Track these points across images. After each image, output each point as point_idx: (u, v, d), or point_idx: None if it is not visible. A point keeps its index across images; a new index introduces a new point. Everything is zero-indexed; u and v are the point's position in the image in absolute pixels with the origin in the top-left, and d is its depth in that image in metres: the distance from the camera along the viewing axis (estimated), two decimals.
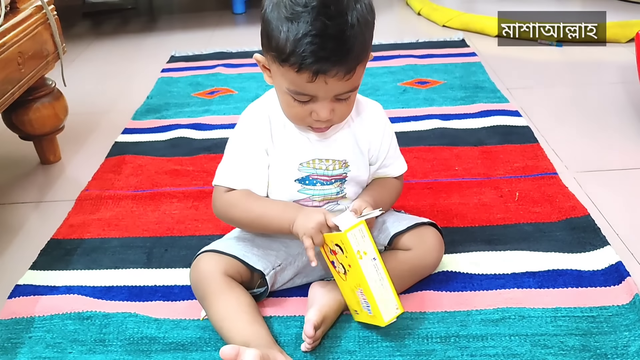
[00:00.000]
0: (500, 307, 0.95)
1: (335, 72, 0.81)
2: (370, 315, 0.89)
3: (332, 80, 0.82)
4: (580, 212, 1.17)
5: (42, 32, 1.37)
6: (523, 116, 1.61)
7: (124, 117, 1.77)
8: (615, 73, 1.87)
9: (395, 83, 1.86)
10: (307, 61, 0.80)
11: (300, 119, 0.90)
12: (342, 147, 0.97)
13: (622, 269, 1.01)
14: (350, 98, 0.89)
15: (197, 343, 0.92)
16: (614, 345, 0.87)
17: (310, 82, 0.82)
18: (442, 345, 0.89)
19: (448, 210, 1.21)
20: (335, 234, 0.86)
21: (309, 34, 0.79)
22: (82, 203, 1.32)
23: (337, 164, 0.97)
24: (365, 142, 0.99)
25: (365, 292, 0.86)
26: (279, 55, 0.83)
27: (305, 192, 0.97)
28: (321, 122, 0.89)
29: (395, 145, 1.04)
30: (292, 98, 0.87)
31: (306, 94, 0.85)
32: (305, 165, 0.96)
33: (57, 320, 0.98)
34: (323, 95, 0.85)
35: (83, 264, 1.13)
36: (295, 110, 0.89)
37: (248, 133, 0.95)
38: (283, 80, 0.86)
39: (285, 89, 0.86)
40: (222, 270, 0.94)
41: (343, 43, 0.80)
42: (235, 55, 2.22)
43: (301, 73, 0.82)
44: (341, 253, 0.86)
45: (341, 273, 0.89)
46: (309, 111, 0.87)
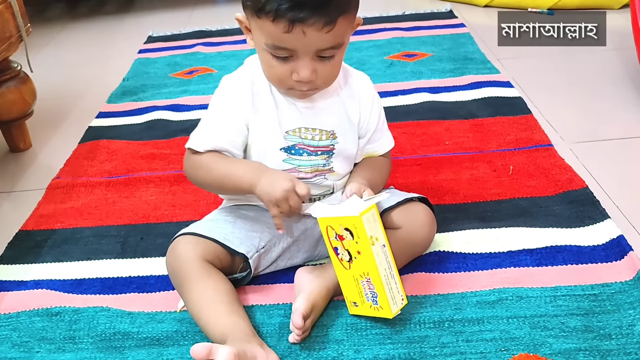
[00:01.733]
0: (497, 288, 0.89)
1: (314, 21, 0.76)
2: (375, 307, 0.83)
3: (310, 30, 0.76)
4: (578, 184, 1.11)
5: (3, 11, 1.29)
6: (515, 87, 1.54)
7: (98, 100, 1.69)
8: (609, 40, 1.80)
9: (381, 57, 1.79)
10: (282, 7, 0.75)
11: (281, 81, 0.84)
12: (330, 116, 0.91)
13: (624, 243, 0.95)
14: (334, 58, 0.82)
15: (173, 337, 0.86)
16: (618, 324, 0.81)
17: (287, 32, 0.76)
18: (436, 330, 0.83)
19: (439, 187, 1.15)
20: (346, 216, 0.79)
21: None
22: (53, 192, 1.25)
23: (325, 134, 0.91)
24: (355, 112, 0.93)
25: (374, 280, 0.80)
26: (254, 6, 0.78)
27: (291, 161, 0.91)
28: (303, 84, 0.82)
29: (384, 118, 0.98)
30: (272, 55, 0.81)
31: (284, 47, 0.79)
32: (291, 134, 0.90)
33: (24, 318, 0.91)
34: (302, 49, 0.79)
35: (53, 256, 1.06)
36: (275, 70, 0.83)
37: (226, 98, 0.90)
38: (261, 35, 0.80)
39: (264, 44, 0.80)
40: (200, 255, 0.87)
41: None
42: (214, 33, 2.14)
43: (277, 22, 0.76)
44: (350, 238, 0.80)
45: (344, 261, 0.83)
46: (290, 71, 0.81)
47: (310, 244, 0.96)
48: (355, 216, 0.78)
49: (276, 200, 0.82)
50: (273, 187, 0.82)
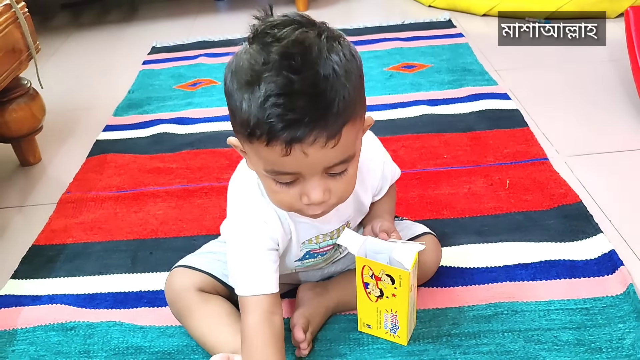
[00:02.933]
0: (493, 302, 0.93)
1: (314, 138, 0.64)
2: (391, 335, 0.87)
3: (312, 149, 0.65)
4: (572, 199, 1.15)
5: (13, 31, 1.32)
6: (512, 99, 1.58)
7: (105, 113, 1.73)
8: (604, 50, 1.84)
9: (381, 68, 1.82)
10: (274, 128, 0.63)
11: (289, 206, 0.74)
12: (345, 212, 0.85)
13: (615, 257, 0.99)
14: (348, 172, 0.71)
15: (184, 351, 0.90)
16: (608, 338, 0.85)
17: (285, 155, 0.65)
18: (434, 344, 0.87)
19: (437, 201, 1.19)
20: (392, 267, 0.80)
21: (272, 94, 0.63)
22: (63, 206, 1.29)
23: (341, 228, 0.87)
24: (369, 197, 0.88)
25: (400, 317, 0.85)
26: (244, 130, 0.67)
27: (304, 265, 0.91)
28: (315, 207, 0.72)
29: (392, 164, 0.92)
30: (274, 181, 0.71)
31: (286, 172, 0.68)
32: (307, 243, 0.86)
33: (40, 332, 0.95)
34: (308, 171, 0.68)
35: (66, 271, 1.10)
36: (280, 196, 0.72)
37: (258, 233, 0.79)
38: (258, 161, 0.70)
39: (263, 171, 0.70)
40: (197, 286, 0.89)
41: (316, 99, 0.63)
42: (217, 44, 2.17)
43: (272, 146, 0.65)
44: (390, 283, 0.82)
45: (372, 295, 0.85)
46: (298, 195, 0.71)
47: (315, 278, 0.98)
48: (405, 271, 0.79)
49: None
50: None
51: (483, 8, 2.21)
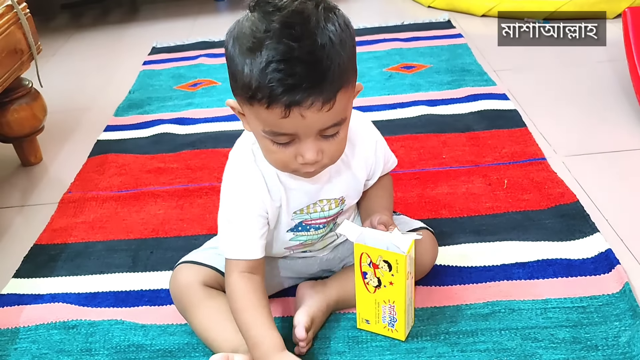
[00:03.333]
0: (490, 301, 0.94)
1: (311, 102, 0.69)
2: (389, 329, 0.88)
3: (308, 112, 0.70)
4: (569, 198, 1.16)
5: (15, 31, 1.34)
6: (510, 99, 1.59)
7: (105, 113, 1.74)
8: (602, 51, 1.85)
9: (380, 69, 1.83)
10: (275, 92, 0.68)
11: (284, 165, 0.78)
12: (338, 185, 0.88)
13: (611, 256, 1.00)
14: (339, 134, 0.77)
15: (184, 349, 0.91)
16: (604, 336, 0.86)
17: (284, 117, 0.70)
18: (432, 342, 0.88)
19: (436, 201, 1.20)
20: (389, 251, 0.82)
21: (273, 60, 0.68)
22: (65, 206, 1.30)
23: (334, 202, 0.89)
24: (362, 171, 0.91)
25: (398, 308, 0.86)
26: (245, 93, 0.72)
27: (297, 239, 0.92)
28: (309, 165, 0.77)
29: (387, 150, 0.96)
30: (271, 141, 0.75)
31: (284, 133, 0.73)
32: (298, 213, 0.88)
33: (42, 331, 0.96)
34: (304, 132, 0.73)
35: (67, 270, 1.11)
36: (277, 155, 0.77)
37: (245, 198, 0.84)
38: (257, 122, 0.75)
39: (261, 131, 0.75)
40: (201, 281, 0.91)
41: (314, 66, 0.68)
42: (217, 44, 2.18)
43: (272, 108, 0.70)
44: (387, 270, 0.83)
45: (370, 285, 0.86)
46: (293, 154, 0.76)
47: (311, 274, 0.99)
48: (401, 254, 0.81)
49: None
50: None
51: (482, 9, 2.22)
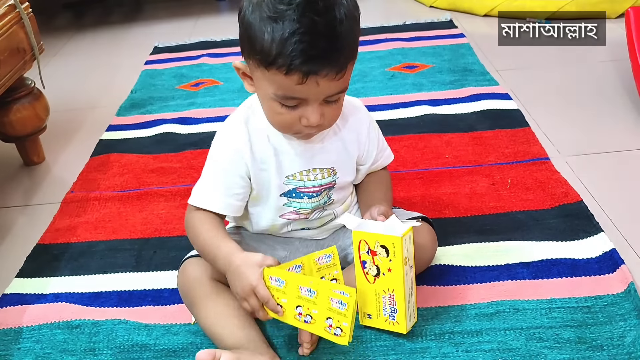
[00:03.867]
0: (495, 301, 0.94)
1: (327, 72, 0.77)
2: (390, 322, 0.88)
3: (323, 80, 0.77)
4: (573, 198, 1.16)
5: (17, 31, 1.33)
6: (513, 99, 1.58)
7: (108, 113, 1.74)
8: (605, 50, 1.85)
9: (383, 68, 1.83)
10: (296, 61, 0.75)
11: (288, 127, 0.84)
12: (329, 154, 0.93)
13: (616, 256, 1.00)
14: (339, 100, 0.84)
15: (188, 349, 0.91)
16: (609, 336, 0.86)
17: (300, 84, 0.77)
18: (437, 342, 0.88)
19: (439, 201, 1.20)
20: (387, 235, 0.83)
21: (297, 32, 0.74)
22: (67, 205, 1.30)
23: (326, 171, 0.93)
24: (354, 146, 0.95)
25: (397, 298, 0.85)
26: (264, 59, 0.77)
27: (291, 205, 0.94)
28: (311, 128, 0.83)
29: (382, 138, 1.01)
30: (280, 104, 0.81)
31: (296, 97, 0.80)
32: (291, 178, 0.92)
33: (45, 330, 0.96)
34: (313, 98, 0.80)
35: (70, 270, 1.11)
36: (282, 117, 0.83)
37: (225, 155, 0.90)
38: (269, 85, 0.80)
39: (272, 94, 0.80)
40: (209, 275, 0.91)
41: (334, 40, 0.76)
42: (219, 44, 2.18)
43: (290, 75, 0.76)
44: (384, 256, 0.84)
45: (370, 275, 0.87)
46: (298, 117, 0.82)
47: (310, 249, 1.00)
48: (397, 236, 0.82)
49: (243, 296, 0.82)
50: (234, 284, 0.83)
51: (484, 8, 2.22)
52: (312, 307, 0.80)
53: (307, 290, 0.80)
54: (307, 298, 0.80)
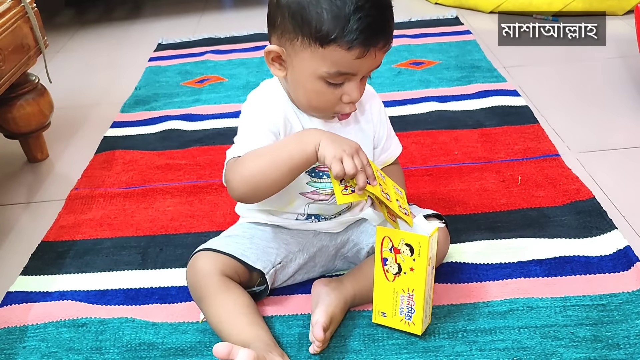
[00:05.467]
0: (508, 299, 0.92)
1: (384, 44, 0.80)
2: (406, 322, 0.86)
3: (379, 52, 0.80)
4: (585, 195, 1.14)
5: (22, 26, 1.32)
6: (521, 95, 1.57)
7: (112, 109, 1.72)
8: (613, 47, 1.83)
9: (389, 65, 1.82)
10: (362, 36, 0.76)
11: (330, 106, 0.86)
12: (349, 134, 0.91)
13: (630, 253, 0.98)
14: (369, 75, 0.86)
15: (197, 347, 0.89)
16: (626, 334, 0.84)
17: (360, 57, 0.78)
18: (450, 340, 0.86)
19: (450, 198, 1.18)
20: (413, 233, 0.82)
21: (364, 7, 0.76)
22: (72, 202, 1.28)
23: None
24: (369, 128, 0.97)
25: (416, 298, 0.84)
26: (323, 37, 0.78)
27: (313, 184, 0.93)
28: (351, 106, 0.85)
29: (390, 125, 1.02)
30: (326, 83, 0.82)
31: (348, 72, 0.80)
32: None
33: (51, 329, 0.95)
34: (363, 72, 0.82)
35: (76, 267, 1.09)
36: (325, 97, 0.84)
37: (263, 112, 0.89)
38: (321, 63, 0.80)
39: (324, 72, 0.81)
40: (219, 269, 0.90)
41: (387, 12, 0.80)
42: (224, 40, 2.16)
43: (352, 50, 0.77)
44: (409, 255, 0.82)
45: (390, 272, 0.85)
46: (340, 95, 0.84)
47: (326, 260, 0.99)
48: (424, 236, 0.81)
49: (341, 156, 0.76)
50: (337, 144, 0.78)
51: (490, 5, 2.20)
52: (385, 189, 0.82)
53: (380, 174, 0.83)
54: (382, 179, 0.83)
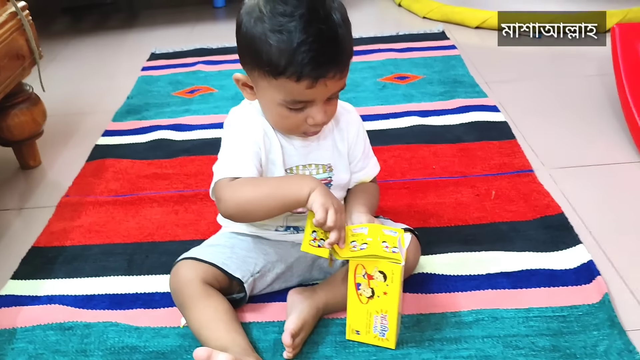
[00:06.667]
0: (475, 309, 0.97)
1: (334, 74, 0.84)
2: (380, 338, 0.90)
3: (330, 82, 0.85)
4: (555, 210, 1.20)
5: (17, 38, 1.36)
6: (501, 111, 1.62)
7: (104, 118, 1.77)
8: (593, 65, 1.89)
9: (375, 79, 1.87)
10: (307, 69, 0.81)
11: (295, 128, 0.92)
12: (323, 151, 0.99)
13: (592, 267, 1.03)
14: (336, 97, 0.91)
15: (177, 351, 0.94)
16: (583, 345, 0.89)
17: (310, 88, 0.84)
18: (417, 348, 0.91)
19: (425, 210, 1.23)
20: (386, 262, 0.85)
21: (306, 41, 0.80)
22: (62, 209, 1.33)
23: (321, 167, 0.98)
24: (343, 143, 1.01)
25: (390, 318, 0.88)
26: (273, 70, 0.83)
27: None
28: (317, 126, 0.90)
29: (369, 145, 1.07)
30: (287, 109, 0.88)
31: (304, 100, 0.86)
32: (289, 172, 0.97)
33: (39, 331, 0.99)
34: (320, 98, 0.87)
35: (64, 273, 1.14)
36: (290, 120, 0.90)
37: (246, 131, 0.94)
38: (277, 93, 0.86)
39: (281, 100, 0.87)
40: (201, 277, 0.95)
41: (338, 44, 0.83)
42: (215, 51, 2.21)
43: (301, 81, 0.83)
44: (382, 280, 0.86)
45: (363, 296, 0.89)
46: (304, 118, 0.89)
47: (303, 270, 1.04)
48: (397, 265, 0.84)
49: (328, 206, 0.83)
50: (331, 196, 0.86)
51: (476, 21, 2.26)
52: (366, 238, 0.87)
53: (361, 229, 0.90)
54: (362, 234, 0.88)
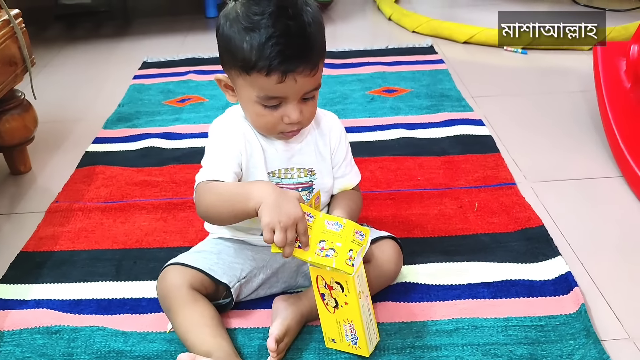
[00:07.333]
0: (455, 318, 0.99)
1: (302, 69, 0.87)
2: (353, 347, 0.92)
3: (300, 77, 0.88)
4: (535, 222, 1.23)
5: (10, 45, 1.38)
6: (486, 125, 1.66)
7: (95, 125, 1.78)
8: (576, 81, 1.93)
9: (363, 91, 1.90)
10: (275, 62, 0.86)
11: (272, 127, 0.95)
12: (306, 156, 1.02)
13: (570, 278, 1.06)
14: (314, 97, 0.94)
15: (163, 356, 0.95)
16: (559, 353, 0.92)
17: (280, 82, 0.87)
18: (398, 356, 0.93)
19: (409, 221, 1.26)
20: (339, 273, 0.86)
21: (273, 35, 0.85)
22: (52, 215, 1.34)
23: (303, 172, 1.02)
24: (326, 148, 1.05)
25: (356, 327, 0.90)
26: (245, 65, 0.88)
27: None
28: (292, 125, 0.93)
29: (351, 154, 1.10)
30: (262, 106, 0.91)
31: (277, 96, 0.90)
32: (271, 175, 1.00)
33: (26, 335, 1.00)
34: (293, 95, 0.90)
35: (52, 277, 1.15)
36: (266, 118, 0.93)
37: (227, 137, 0.98)
38: (251, 89, 0.90)
39: (255, 97, 0.91)
40: (188, 283, 0.97)
41: (306, 40, 0.88)
42: (206, 61, 2.24)
43: (271, 75, 0.87)
44: (340, 291, 0.88)
45: (329, 306, 0.91)
46: (280, 117, 0.92)
47: (289, 275, 1.06)
48: (349, 275, 0.86)
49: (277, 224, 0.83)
50: (274, 213, 0.83)
51: (464, 36, 2.31)
52: (337, 240, 0.87)
53: (334, 224, 0.89)
54: (333, 232, 0.88)
